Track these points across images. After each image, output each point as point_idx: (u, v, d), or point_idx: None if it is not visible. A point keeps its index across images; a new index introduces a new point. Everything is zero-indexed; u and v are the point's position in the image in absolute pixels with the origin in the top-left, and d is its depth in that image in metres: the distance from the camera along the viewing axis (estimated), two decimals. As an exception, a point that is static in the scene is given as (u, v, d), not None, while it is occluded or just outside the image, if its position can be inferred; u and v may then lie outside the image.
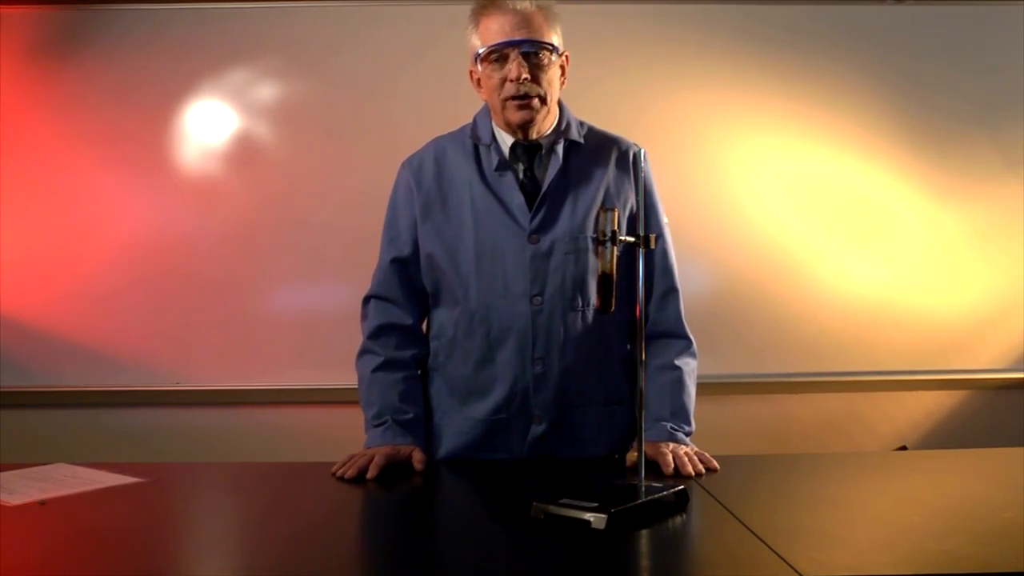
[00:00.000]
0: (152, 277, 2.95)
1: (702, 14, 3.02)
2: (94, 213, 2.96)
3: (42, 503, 1.50)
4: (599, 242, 1.46)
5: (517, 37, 1.77)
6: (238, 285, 2.98)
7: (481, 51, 1.81)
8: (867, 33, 3.05)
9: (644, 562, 1.29)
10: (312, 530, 1.39)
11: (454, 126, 1.98)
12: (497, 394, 1.86)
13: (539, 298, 1.83)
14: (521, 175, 1.87)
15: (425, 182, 1.90)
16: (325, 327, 2.96)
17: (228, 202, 2.99)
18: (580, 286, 1.84)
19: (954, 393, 3.13)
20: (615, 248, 1.45)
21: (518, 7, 1.78)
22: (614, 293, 1.46)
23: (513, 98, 1.79)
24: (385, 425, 1.83)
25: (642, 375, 1.54)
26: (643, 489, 1.44)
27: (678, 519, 1.42)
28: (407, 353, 1.93)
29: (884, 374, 3.08)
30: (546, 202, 1.84)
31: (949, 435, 3.10)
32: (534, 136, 1.86)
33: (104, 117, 2.95)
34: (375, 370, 1.89)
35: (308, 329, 2.97)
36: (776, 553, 1.23)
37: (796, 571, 1.16)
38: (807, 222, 3.06)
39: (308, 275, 3.00)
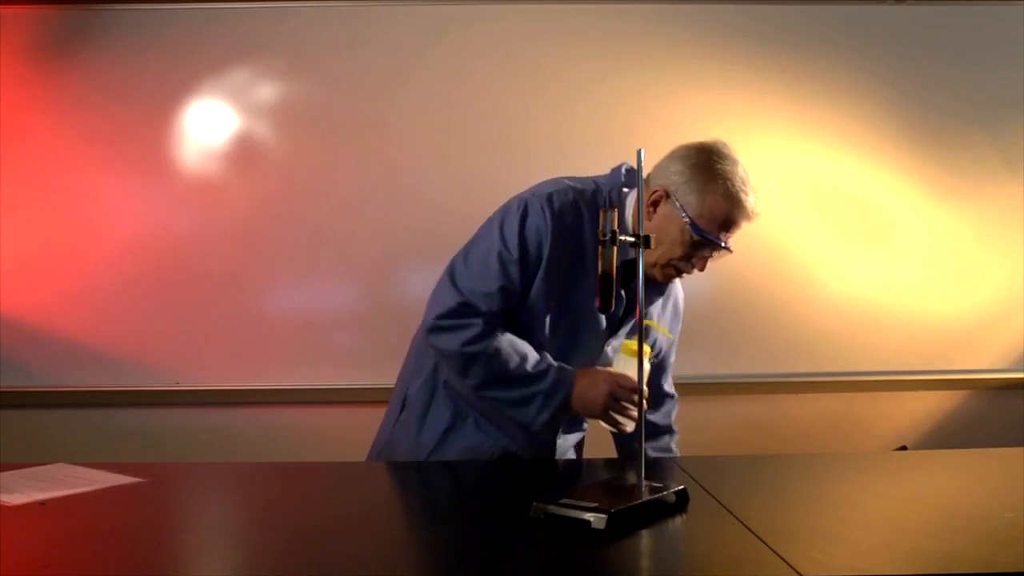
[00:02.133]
0: (152, 277, 2.95)
1: (702, 14, 3.02)
2: (94, 213, 2.96)
3: (42, 503, 1.50)
4: (599, 242, 1.46)
5: (730, 244, 1.83)
6: (238, 285, 2.98)
7: (702, 232, 1.79)
8: (867, 33, 3.05)
9: (644, 562, 1.29)
10: (312, 530, 1.39)
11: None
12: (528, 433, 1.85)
13: None
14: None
15: (560, 238, 1.81)
16: (325, 327, 2.97)
17: (228, 202, 2.99)
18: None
19: (954, 393, 3.13)
20: (615, 248, 1.46)
21: (751, 218, 1.83)
22: (614, 293, 1.46)
23: (676, 273, 1.86)
24: (552, 364, 1.78)
25: (641, 373, 1.54)
26: (643, 489, 1.44)
27: (678, 519, 1.42)
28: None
29: (884, 374, 3.08)
30: (629, 313, 1.89)
31: (949, 435, 3.10)
32: None
33: (104, 117, 2.95)
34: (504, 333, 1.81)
35: (308, 329, 2.97)
36: (776, 553, 1.23)
37: (796, 571, 1.16)
38: (807, 222, 3.06)
39: (308, 275, 3.00)
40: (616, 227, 1.46)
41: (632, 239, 1.50)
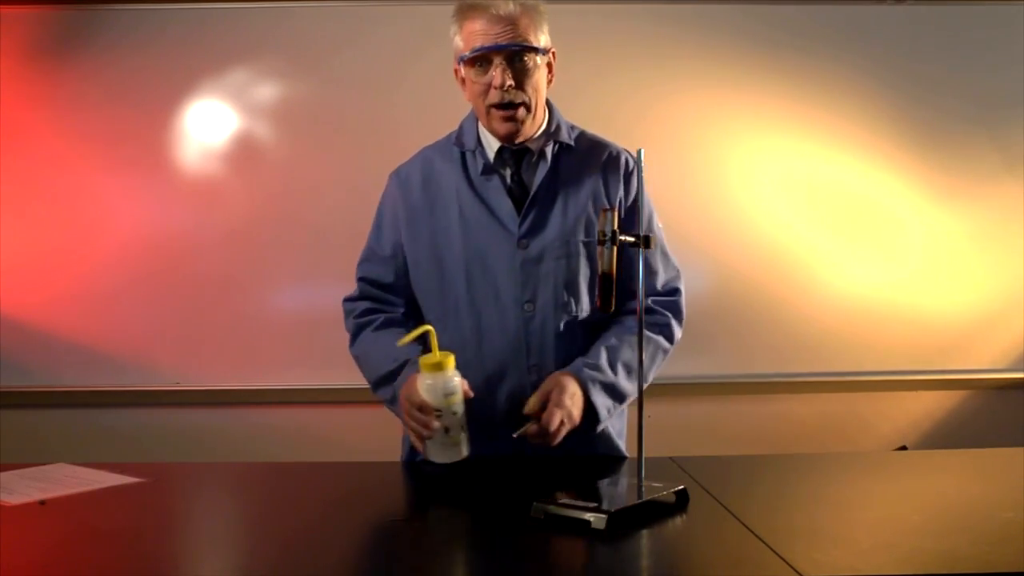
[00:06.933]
0: (152, 277, 2.96)
1: (702, 14, 3.02)
2: (94, 213, 2.96)
3: (42, 503, 1.50)
4: (599, 242, 1.46)
5: (501, 41, 1.72)
6: (238, 285, 2.99)
7: (464, 55, 1.76)
8: (867, 33, 3.05)
9: (644, 562, 1.29)
10: (312, 530, 1.39)
11: (454, 125, 1.97)
12: (493, 401, 1.80)
13: (530, 305, 1.79)
14: (509, 179, 1.83)
15: (412, 193, 1.87)
16: (325, 327, 2.94)
17: (228, 202, 2.99)
18: (572, 290, 1.81)
19: (954, 393, 3.13)
20: (615, 248, 1.45)
21: (502, 11, 1.73)
22: (614, 293, 1.46)
23: (498, 107, 1.75)
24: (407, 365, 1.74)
25: (641, 376, 1.54)
26: (643, 489, 1.44)
27: (678, 519, 1.42)
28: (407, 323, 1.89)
29: (884, 374, 3.08)
30: (535, 206, 1.80)
31: (949, 435, 3.10)
32: (520, 141, 1.82)
33: (104, 117, 2.95)
34: (378, 328, 1.86)
35: (308, 329, 2.97)
36: (776, 553, 1.23)
37: (796, 571, 1.16)
38: (807, 222, 3.06)
39: (308, 275, 3.00)
40: (616, 227, 1.46)
41: (632, 239, 1.50)
